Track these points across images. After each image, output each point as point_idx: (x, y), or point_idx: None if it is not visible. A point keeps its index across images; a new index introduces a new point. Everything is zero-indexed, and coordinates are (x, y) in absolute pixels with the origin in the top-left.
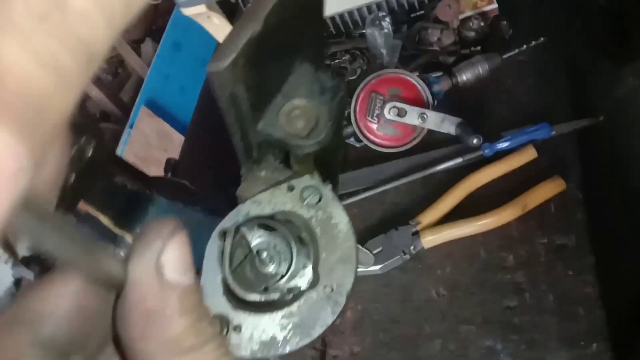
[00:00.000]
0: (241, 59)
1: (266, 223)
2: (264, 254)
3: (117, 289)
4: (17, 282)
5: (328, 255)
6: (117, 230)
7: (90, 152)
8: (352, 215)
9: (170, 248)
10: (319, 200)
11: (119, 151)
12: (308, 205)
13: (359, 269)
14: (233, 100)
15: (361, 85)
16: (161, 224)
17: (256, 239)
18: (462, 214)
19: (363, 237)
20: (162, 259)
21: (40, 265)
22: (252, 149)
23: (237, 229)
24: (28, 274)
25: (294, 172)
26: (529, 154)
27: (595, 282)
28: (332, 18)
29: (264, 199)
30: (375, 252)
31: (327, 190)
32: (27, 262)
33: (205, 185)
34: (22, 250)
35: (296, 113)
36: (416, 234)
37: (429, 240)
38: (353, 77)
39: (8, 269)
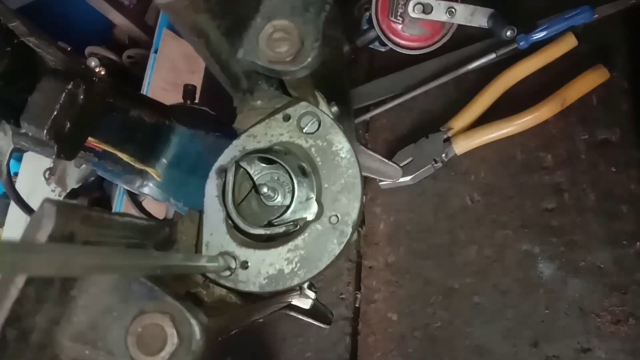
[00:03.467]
0: None
1: (265, 156)
2: (267, 187)
3: None
4: None
5: (330, 185)
6: (139, 165)
7: (82, 97)
8: (381, 126)
9: None
10: (318, 127)
11: (146, 78)
12: (306, 134)
13: (387, 182)
14: (198, 31)
15: None
16: None
17: (257, 172)
18: (496, 115)
19: (393, 148)
20: None
21: (88, 196)
22: (240, 79)
23: (237, 165)
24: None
25: (293, 98)
26: (568, 43)
27: None
28: None
29: (260, 131)
30: (405, 162)
31: (325, 116)
32: (75, 194)
33: (227, 109)
34: (72, 183)
35: (278, 35)
36: (448, 140)
37: (462, 145)
38: None
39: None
